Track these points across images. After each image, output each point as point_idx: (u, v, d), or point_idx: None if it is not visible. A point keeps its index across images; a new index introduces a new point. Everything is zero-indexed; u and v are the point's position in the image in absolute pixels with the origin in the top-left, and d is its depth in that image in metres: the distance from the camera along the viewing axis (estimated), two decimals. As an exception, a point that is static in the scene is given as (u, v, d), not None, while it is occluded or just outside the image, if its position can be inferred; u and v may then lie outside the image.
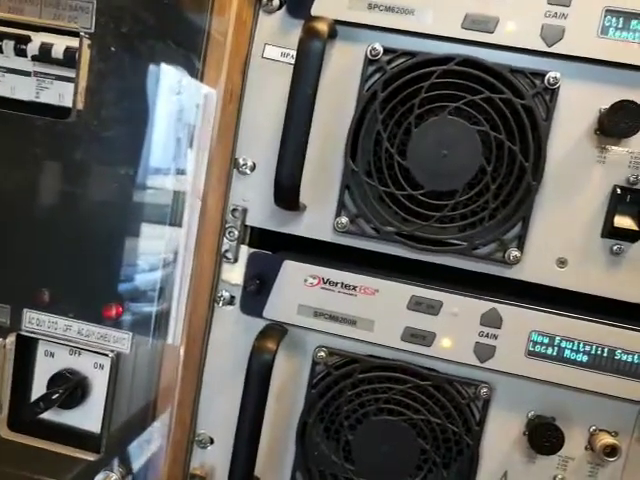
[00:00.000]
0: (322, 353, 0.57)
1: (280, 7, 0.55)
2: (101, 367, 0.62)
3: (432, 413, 0.57)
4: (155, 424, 0.62)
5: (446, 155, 0.52)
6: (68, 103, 0.57)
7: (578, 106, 0.51)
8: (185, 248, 0.60)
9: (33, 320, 0.61)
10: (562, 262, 0.54)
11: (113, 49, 0.57)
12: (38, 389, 0.62)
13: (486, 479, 0.57)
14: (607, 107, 0.50)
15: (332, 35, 0.53)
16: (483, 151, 0.52)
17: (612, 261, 0.53)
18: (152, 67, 0.57)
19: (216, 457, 0.62)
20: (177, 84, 0.57)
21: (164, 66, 0.57)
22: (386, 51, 0.53)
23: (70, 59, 0.57)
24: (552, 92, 0.51)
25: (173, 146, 0.58)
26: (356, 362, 0.57)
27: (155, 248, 0.60)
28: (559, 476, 0.56)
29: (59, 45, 0.57)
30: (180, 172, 0.59)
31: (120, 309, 0.60)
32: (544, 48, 0.51)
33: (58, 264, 0.60)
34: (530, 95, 0.51)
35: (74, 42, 0.57)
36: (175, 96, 0.58)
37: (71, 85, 0.57)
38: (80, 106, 0.57)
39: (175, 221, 0.60)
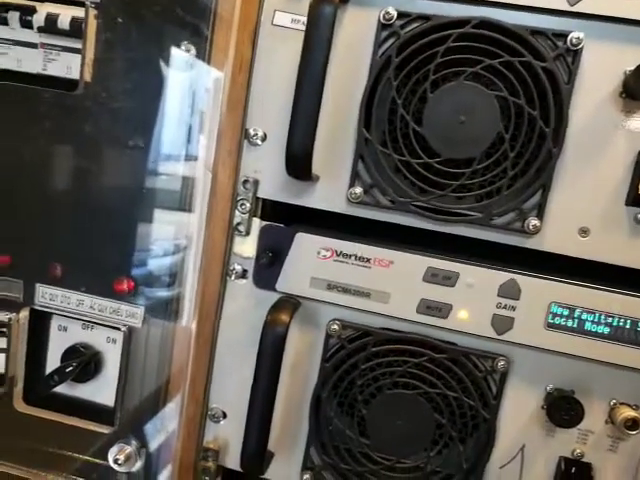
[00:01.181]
0: (335, 326, 0.57)
1: (290, -29, 0.53)
2: (114, 341, 0.62)
3: (448, 387, 0.56)
4: (168, 398, 0.62)
5: (463, 122, 0.50)
6: (76, 75, 0.57)
7: (602, 68, 0.49)
8: (198, 223, 0.59)
9: (46, 295, 0.61)
10: (584, 231, 0.52)
11: (120, 19, 0.55)
12: (52, 363, 0.63)
13: (503, 453, 0.57)
14: (633, 68, 0.47)
15: (344, 0, 0.52)
16: (502, 117, 0.51)
17: (637, 230, 0.51)
18: (160, 37, 0.55)
19: (229, 431, 0.62)
20: (186, 54, 0.56)
21: (172, 36, 0.55)
22: (400, 15, 0.51)
23: (77, 30, 0.56)
24: (575, 54, 0.49)
25: (183, 117, 0.57)
26: (370, 335, 0.56)
27: (166, 222, 0.60)
28: (578, 450, 0.55)
29: (65, 16, 0.56)
30: (193, 148, 0.58)
31: (132, 283, 0.60)
32: (566, 7, 0.48)
33: (69, 239, 0.59)
34: (551, 58, 0.49)
35: (80, 12, 0.55)
36: (184, 67, 0.56)
37: (78, 57, 0.56)
38: (88, 78, 0.56)
39: (187, 194, 0.59)
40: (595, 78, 0.50)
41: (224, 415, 0.62)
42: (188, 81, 0.57)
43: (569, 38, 0.49)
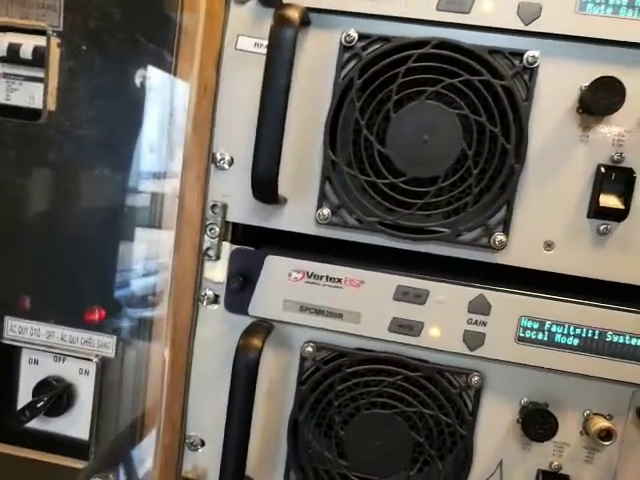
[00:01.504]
0: (310, 348, 0.56)
1: (251, -4, 0.54)
2: (86, 373, 0.61)
3: (424, 405, 0.56)
4: (145, 428, 0.61)
5: (427, 141, 0.51)
6: (39, 104, 0.56)
7: (558, 85, 0.50)
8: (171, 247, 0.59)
9: (15, 328, 0.60)
10: (549, 245, 0.53)
11: (84, 47, 0.55)
12: (24, 398, 0.61)
13: (482, 469, 0.57)
14: (588, 84, 0.49)
15: (305, 23, 0.52)
16: (464, 135, 0.51)
17: (599, 241, 0.52)
18: (123, 64, 0.55)
19: (208, 459, 0.60)
20: (149, 80, 0.56)
21: (136, 61, 0.55)
22: (361, 37, 0.52)
23: (39, 59, 0.56)
24: (531, 71, 0.50)
25: (149, 143, 0.57)
26: (344, 356, 0.56)
27: (137, 249, 0.59)
28: (555, 463, 0.55)
29: (27, 45, 0.56)
30: (161, 173, 0.58)
31: (103, 313, 0.59)
32: (521, 27, 0.50)
33: (37, 270, 0.59)
34: (509, 75, 0.50)
35: (43, 41, 0.55)
36: (149, 93, 0.56)
37: (42, 86, 0.56)
38: (52, 107, 0.56)
39: (156, 222, 0.59)
40: (552, 95, 0.51)
41: (202, 443, 0.61)
42: (154, 106, 0.57)
43: (525, 57, 0.50)
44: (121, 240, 0.58)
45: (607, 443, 0.52)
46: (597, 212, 0.51)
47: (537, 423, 0.53)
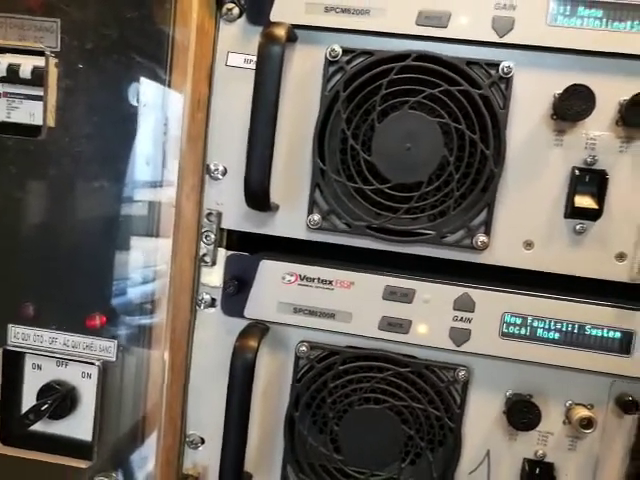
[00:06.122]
0: (304, 347, 0.59)
1: (240, 15, 0.56)
2: (89, 376, 0.63)
3: (414, 399, 0.58)
4: (146, 428, 0.63)
5: (409, 148, 0.54)
6: (39, 121, 0.59)
7: (533, 93, 0.53)
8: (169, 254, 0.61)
9: (18, 335, 0.62)
10: (529, 244, 0.56)
11: (80, 66, 0.58)
12: (28, 402, 0.63)
13: (471, 459, 0.59)
14: (560, 92, 0.51)
15: (292, 39, 0.55)
16: (445, 142, 0.54)
17: (576, 240, 0.55)
18: (119, 81, 0.58)
19: (208, 456, 0.63)
20: (144, 95, 0.58)
21: (131, 79, 0.58)
22: (345, 51, 0.54)
23: (38, 78, 0.58)
24: (507, 81, 0.53)
25: (147, 156, 0.60)
26: (337, 354, 0.59)
27: (135, 258, 0.61)
28: (540, 451, 0.58)
29: (26, 65, 0.58)
30: (157, 183, 0.61)
31: (104, 318, 0.61)
32: (496, 39, 0.52)
33: (39, 278, 0.61)
34: (486, 85, 0.53)
35: (41, 61, 0.58)
36: (144, 107, 0.59)
37: (41, 103, 0.58)
38: (51, 123, 0.58)
39: (153, 230, 0.61)
40: (528, 102, 0.54)
41: (202, 441, 0.63)
42: (149, 120, 0.59)
43: (501, 67, 0.53)
44: (120, 248, 0.61)
45: (588, 431, 0.55)
46: (573, 212, 0.54)
47: (521, 413, 0.55)
